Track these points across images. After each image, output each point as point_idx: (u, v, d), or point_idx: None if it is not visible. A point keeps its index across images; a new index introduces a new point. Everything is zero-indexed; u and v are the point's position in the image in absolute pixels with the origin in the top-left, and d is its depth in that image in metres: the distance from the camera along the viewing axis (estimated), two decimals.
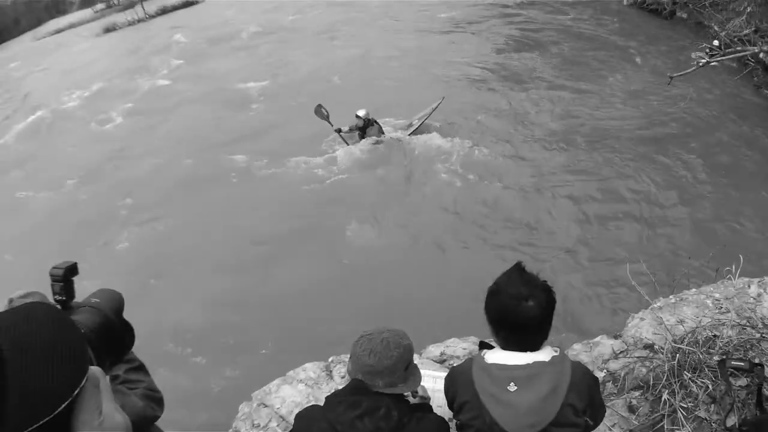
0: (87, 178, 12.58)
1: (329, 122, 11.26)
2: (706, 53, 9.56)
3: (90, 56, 26.53)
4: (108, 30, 33.39)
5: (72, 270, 1.88)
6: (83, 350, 0.86)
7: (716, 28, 14.30)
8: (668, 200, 8.61)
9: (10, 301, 1.90)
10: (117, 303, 1.52)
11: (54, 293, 1.85)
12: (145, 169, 12.29)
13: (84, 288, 1.71)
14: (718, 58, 9.73)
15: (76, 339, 0.85)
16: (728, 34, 12.65)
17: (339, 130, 11.25)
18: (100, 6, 48.04)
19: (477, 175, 9.81)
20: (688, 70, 9.56)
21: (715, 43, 9.81)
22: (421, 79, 14.46)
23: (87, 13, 47.56)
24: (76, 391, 0.81)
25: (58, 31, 42.22)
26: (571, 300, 6.74)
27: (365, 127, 11.17)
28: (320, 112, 11.24)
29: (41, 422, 0.77)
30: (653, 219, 8.25)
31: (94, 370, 0.88)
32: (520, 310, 2.00)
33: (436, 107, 11.58)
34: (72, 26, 42.29)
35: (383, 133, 11.41)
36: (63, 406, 0.79)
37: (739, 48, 10.21)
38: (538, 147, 10.55)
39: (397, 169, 10.43)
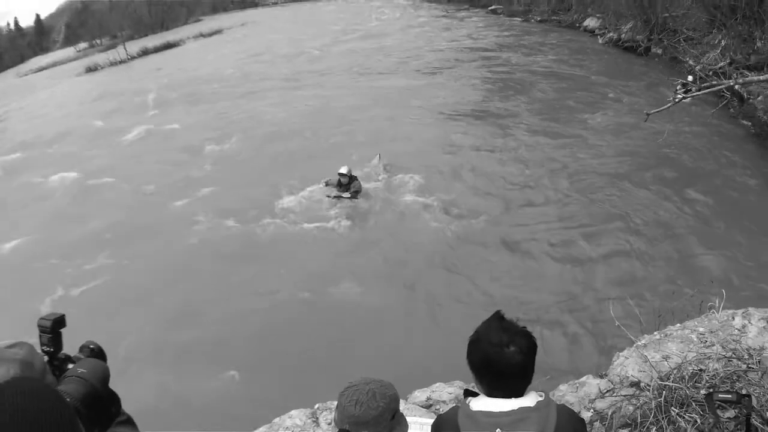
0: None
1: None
2: (681, 88, 9.76)
3: (65, 98, 26.58)
4: (90, 70, 33.63)
5: (59, 322, 1.88)
6: (73, 421, 0.87)
7: (691, 62, 14.65)
8: (651, 237, 8.70)
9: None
10: (102, 373, 1.53)
11: (42, 344, 1.84)
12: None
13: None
14: (694, 93, 9.93)
15: (67, 413, 0.86)
16: (704, 67, 12.96)
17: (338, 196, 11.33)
18: (82, 45, 48.47)
19: (458, 223, 9.85)
20: (665, 107, 9.76)
21: (690, 78, 10.02)
22: (396, 131, 14.49)
23: (70, 51, 47.98)
24: None
25: (41, 69, 42.44)
26: (556, 341, 6.71)
27: (349, 183, 11.26)
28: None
29: None
30: (637, 256, 8.30)
31: None
32: (501, 356, 2.00)
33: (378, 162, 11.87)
34: (55, 64, 42.53)
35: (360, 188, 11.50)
36: None
37: (714, 81, 10.43)
38: (520, 192, 10.65)
39: (380, 222, 10.45)
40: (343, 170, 11.24)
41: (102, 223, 11.70)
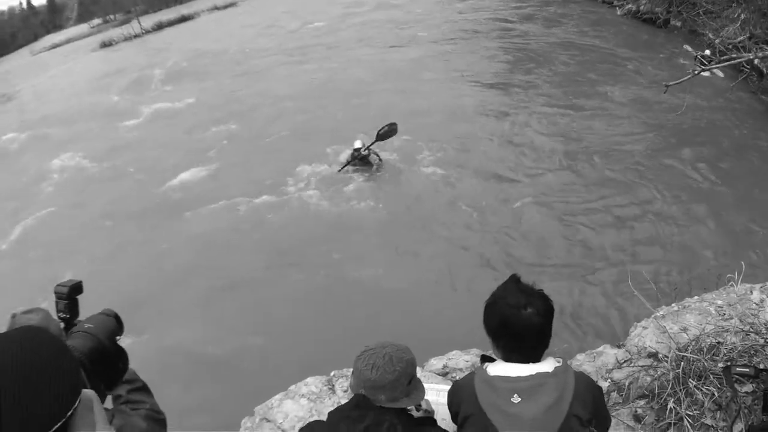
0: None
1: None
2: (698, 61, 9.59)
3: (77, 76, 26.57)
4: (104, 45, 33.62)
5: (77, 288, 1.88)
6: (76, 373, 0.86)
7: (710, 35, 14.38)
8: (670, 209, 8.63)
9: (13, 316, 1.89)
10: (110, 328, 1.52)
11: (58, 311, 1.85)
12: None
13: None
14: (713, 66, 9.75)
15: (69, 362, 0.86)
16: (723, 41, 12.73)
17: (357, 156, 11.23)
18: (96, 21, 48.35)
19: (475, 192, 9.82)
20: (684, 79, 9.58)
21: (707, 52, 9.84)
22: (409, 104, 14.24)
23: (83, 28, 47.93)
24: (69, 413, 0.81)
25: (55, 46, 42.45)
26: (573, 310, 6.73)
27: (367, 156, 11.21)
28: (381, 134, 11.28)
29: None
30: (655, 228, 8.25)
31: (88, 393, 0.88)
32: (519, 318, 1.99)
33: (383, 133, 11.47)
34: (69, 41, 42.53)
35: (381, 159, 11.45)
36: (56, 427, 0.79)
37: (734, 55, 10.22)
38: (539, 164, 10.55)
39: (398, 195, 10.40)
40: (358, 144, 11.17)
41: (107, 203, 11.83)
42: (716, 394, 2.81)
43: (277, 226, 9.84)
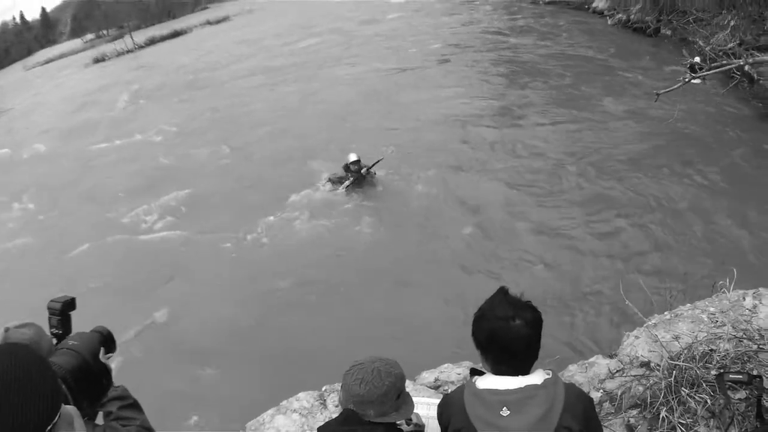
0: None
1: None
2: (688, 68, 9.66)
3: (69, 91, 26.53)
4: (97, 60, 33.67)
5: (69, 305, 1.87)
6: (56, 389, 0.87)
7: (701, 43, 14.50)
8: (662, 217, 8.65)
9: (6, 330, 1.88)
10: (94, 346, 1.51)
11: (51, 326, 1.84)
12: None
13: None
14: (704, 73, 9.83)
15: (50, 378, 0.86)
16: (713, 48, 12.83)
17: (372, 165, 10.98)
18: (89, 36, 48.48)
19: (467, 201, 9.82)
20: (675, 86, 9.65)
21: (697, 59, 9.92)
22: (404, 123, 14.13)
23: (77, 43, 47.97)
24: (48, 427, 0.81)
25: (49, 60, 42.51)
26: (565, 321, 6.71)
27: (360, 170, 10.92)
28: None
29: None
30: (647, 237, 8.27)
31: (69, 408, 0.89)
32: (507, 330, 1.98)
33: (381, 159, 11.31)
34: (62, 56, 42.60)
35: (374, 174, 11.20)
36: None
37: (724, 62, 10.30)
38: (534, 175, 10.55)
39: (389, 211, 10.36)
40: (353, 157, 10.89)
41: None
42: (709, 401, 2.80)
43: (270, 250, 9.77)
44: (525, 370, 2.03)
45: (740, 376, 2.76)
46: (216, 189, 12.35)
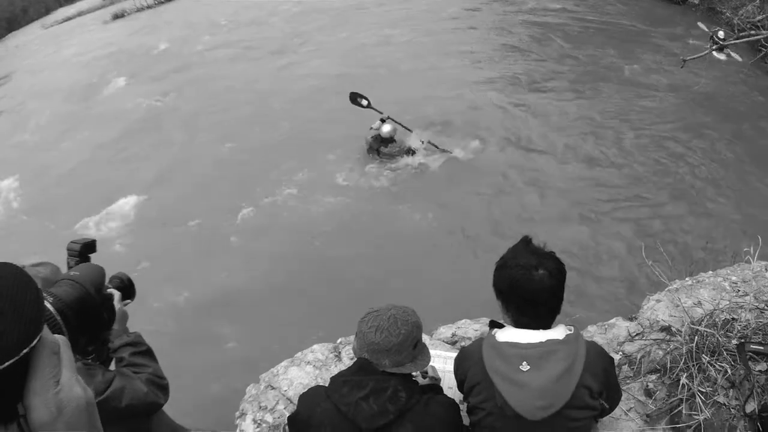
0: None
1: (376, 109, 9.72)
2: (713, 40, 9.42)
3: (83, 49, 26.15)
4: (117, 17, 33.43)
5: (89, 246, 1.84)
6: (36, 308, 0.79)
7: (728, 13, 14.12)
8: (686, 185, 8.53)
9: (21, 267, 1.85)
10: (97, 277, 1.44)
11: (68, 267, 1.80)
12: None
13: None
14: (731, 41, 9.56)
15: (30, 296, 0.79)
16: (741, 19, 12.48)
17: (386, 118, 9.71)
18: None
19: (494, 168, 9.65)
20: (702, 53, 9.41)
21: (720, 34, 9.65)
22: (415, 92, 13.02)
23: (95, 0, 47.56)
24: (23, 351, 0.74)
25: (67, 19, 42.27)
26: (585, 281, 6.67)
27: (390, 142, 9.93)
28: (357, 101, 9.67)
29: None
30: (671, 203, 8.18)
31: (57, 337, 0.82)
32: (530, 279, 1.93)
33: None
34: (81, 13, 42.35)
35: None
36: (5, 365, 0.72)
37: (752, 32, 10.03)
38: (560, 138, 10.35)
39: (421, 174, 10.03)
40: (388, 129, 9.67)
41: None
42: (729, 371, 2.74)
43: (289, 209, 9.55)
44: (547, 324, 1.98)
45: (762, 348, 2.71)
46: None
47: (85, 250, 1.84)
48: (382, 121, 9.70)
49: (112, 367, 2.33)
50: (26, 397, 0.76)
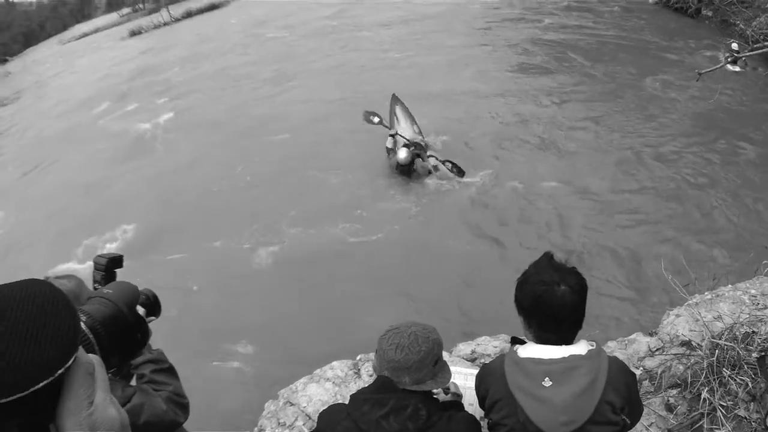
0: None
1: (386, 125, 9.82)
2: (728, 54, 9.42)
3: (99, 64, 26.52)
4: (134, 33, 33.88)
5: (116, 261, 1.85)
6: (73, 330, 0.79)
7: (742, 25, 14.10)
8: (706, 199, 8.47)
9: (46, 278, 1.87)
10: (131, 296, 1.43)
11: (94, 281, 1.82)
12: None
13: None
14: (746, 53, 9.55)
15: (67, 317, 0.79)
16: (755, 31, 12.43)
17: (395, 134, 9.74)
18: (125, 10, 48.73)
19: (512, 182, 9.65)
20: (717, 66, 9.40)
21: (734, 46, 9.65)
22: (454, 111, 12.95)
23: (112, 17, 48.21)
24: (58, 372, 0.74)
25: (84, 35, 42.81)
26: (605, 297, 6.63)
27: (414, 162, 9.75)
28: (369, 119, 9.79)
29: (11, 398, 0.70)
30: (690, 217, 8.12)
31: (91, 357, 0.82)
32: (552, 295, 1.93)
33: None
34: (98, 30, 42.93)
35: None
36: (40, 385, 0.72)
37: (766, 43, 10.01)
38: (578, 151, 10.34)
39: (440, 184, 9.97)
40: (404, 156, 9.43)
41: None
42: (750, 384, 2.73)
43: (308, 224, 9.56)
44: (569, 339, 1.98)
45: None
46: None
47: (111, 264, 1.84)
48: (392, 136, 9.81)
49: (133, 383, 2.34)
50: (59, 417, 0.76)
